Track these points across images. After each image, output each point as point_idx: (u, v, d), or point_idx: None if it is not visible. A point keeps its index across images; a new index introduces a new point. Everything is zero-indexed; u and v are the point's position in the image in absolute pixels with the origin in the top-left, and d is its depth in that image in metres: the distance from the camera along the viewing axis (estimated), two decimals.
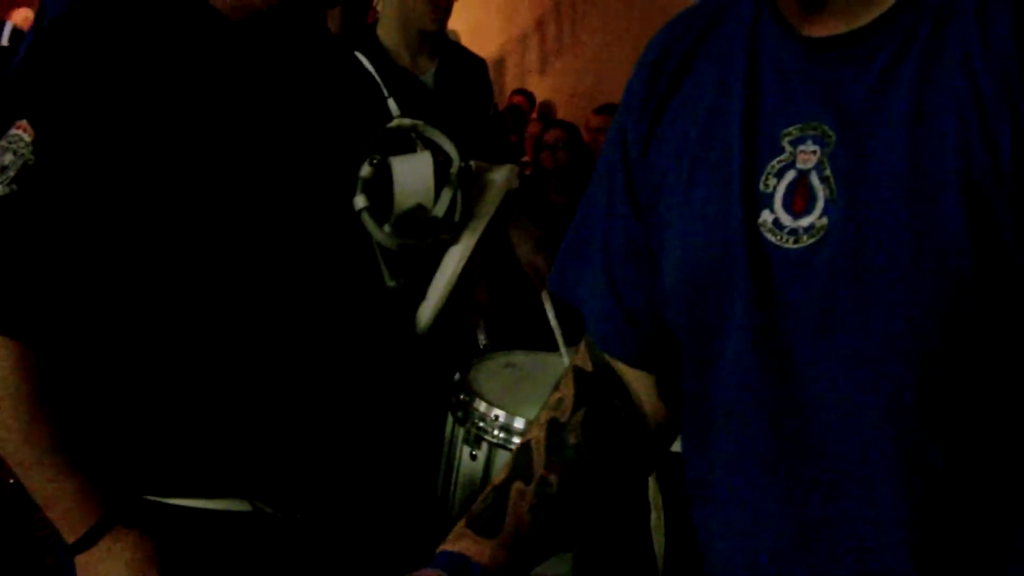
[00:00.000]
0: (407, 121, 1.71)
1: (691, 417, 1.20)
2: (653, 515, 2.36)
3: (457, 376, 2.47)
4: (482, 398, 2.32)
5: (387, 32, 3.13)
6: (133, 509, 1.51)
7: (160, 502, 1.54)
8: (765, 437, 1.09)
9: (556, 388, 1.30)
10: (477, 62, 3.39)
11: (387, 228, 1.60)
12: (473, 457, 2.26)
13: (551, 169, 5.19)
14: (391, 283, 1.63)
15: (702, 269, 1.12)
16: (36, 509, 1.50)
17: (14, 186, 1.39)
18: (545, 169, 5.24)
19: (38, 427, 1.45)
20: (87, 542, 1.48)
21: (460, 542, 1.19)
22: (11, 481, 3.02)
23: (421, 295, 1.65)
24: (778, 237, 1.06)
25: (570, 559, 2.21)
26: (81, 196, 1.42)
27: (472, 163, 1.66)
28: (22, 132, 1.40)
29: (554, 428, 1.25)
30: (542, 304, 2.40)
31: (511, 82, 10.49)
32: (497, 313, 3.13)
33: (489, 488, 1.24)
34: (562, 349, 2.40)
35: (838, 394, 1.04)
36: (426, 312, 1.65)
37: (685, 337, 1.18)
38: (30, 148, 1.40)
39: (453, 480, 2.32)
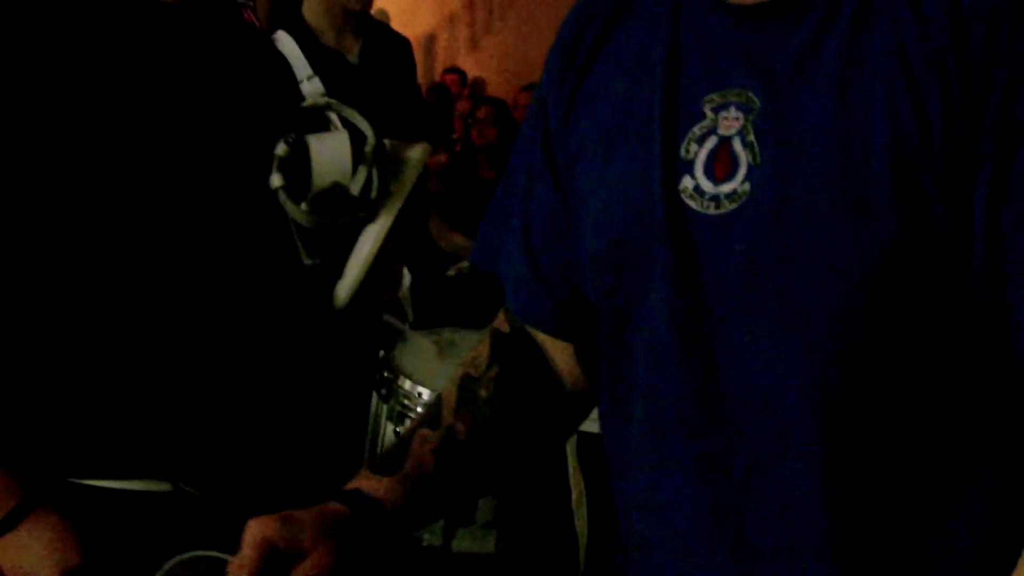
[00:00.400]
0: (322, 100, 1.70)
1: (609, 387, 1.19)
2: (574, 495, 2.38)
3: (382, 354, 2.48)
4: (406, 376, 2.33)
5: (311, 11, 3.13)
6: (54, 492, 1.50)
7: (80, 484, 1.52)
8: (686, 407, 1.07)
9: (473, 348, 1.29)
10: (401, 41, 3.39)
11: (304, 206, 1.59)
12: (397, 434, 2.27)
13: (480, 146, 5.20)
14: (308, 261, 1.62)
15: (621, 237, 1.10)
16: None
17: None
18: (475, 145, 5.26)
19: None
20: (6, 526, 1.46)
21: (355, 481, 1.17)
22: None
23: (338, 273, 1.65)
24: (699, 203, 1.04)
25: (494, 535, 2.23)
26: None
27: (386, 141, 1.65)
28: None
29: (466, 382, 1.24)
30: (469, 284, 2.42)
31: (442, 60, 10.46)
32: (424, 291, 3.14)
33: (397, 438, 1.23)
34: None
35: (760, 362, 1.02)
36: (343, 290, 1.65)
37: (602, 306, 1.17)
38: None
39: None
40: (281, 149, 1.57)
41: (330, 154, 1.61)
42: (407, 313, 2.84)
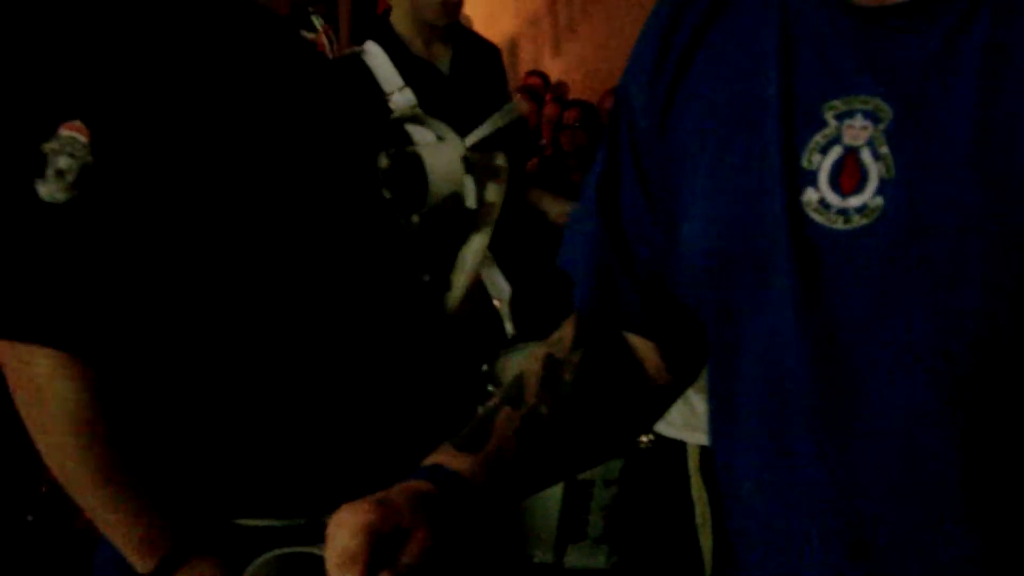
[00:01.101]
0: (409, 111, 1.69)
1: (720, 403, 1.13)
2: (698, 510, 2.34)
3: (485, 367, 2.46)
4: None
5: (400, 21, 3.12)
6: (209, 534, 1.46)
7: (232, 523, 1.49)
8: (810, 431, 1.01)
9: (558, 329, 1.24)
10: (491, 49, 3.37)
11: (415, 218, 1.58)
12: None
13: (570, 151, 5.17)
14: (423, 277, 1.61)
15: (735, 249, 1.05)
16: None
17: (75, 191, 1.35)
18: (564, 150, 5.23)
19: (97, 449, 1.39)
20: (163, 571, 1.41)
21: (437, 456, 1.12)
22: (43, 490, 3.01)
23: (445, 285, 1.64)
24: (825, 217, 0.99)
25: (605, 550, 2.19)
26: (140, 197, 1.38)
27: (468, 152, 1.64)
28: (76, 133, 1.36)
29: (551, 363, 1.20)
30: (569, 293, 2.39)
31: (525, 64, 10.46)
32: (525, 303, 3.12)
33: (477, 414, 1.18)
34: None
35: (893, 387, 0.96)
36: (452, 301, 1.64)
37: (711, 319, 1.12)
38: (87, 149, 1.36)
39: None
40: (384, 162, 1.56)
41: (445, 165, 1.60)
42: (507, 325, 2.82)
